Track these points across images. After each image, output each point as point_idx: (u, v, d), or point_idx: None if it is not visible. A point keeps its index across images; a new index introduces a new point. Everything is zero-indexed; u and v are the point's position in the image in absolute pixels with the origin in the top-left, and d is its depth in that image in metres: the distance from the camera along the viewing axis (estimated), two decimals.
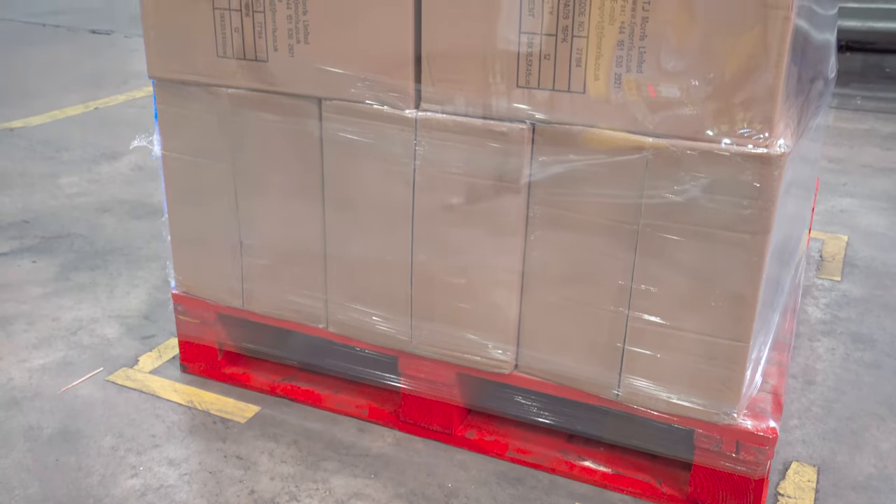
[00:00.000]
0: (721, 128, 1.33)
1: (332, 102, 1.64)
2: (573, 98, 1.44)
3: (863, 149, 4.07)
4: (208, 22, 1.69)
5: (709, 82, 1.32)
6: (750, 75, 1.29)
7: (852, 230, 3.08)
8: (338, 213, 1.74)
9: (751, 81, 1.29)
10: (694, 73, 1.32)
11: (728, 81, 1.31)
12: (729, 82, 1.31)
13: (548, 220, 1.54)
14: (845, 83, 5.24)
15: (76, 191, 3.36)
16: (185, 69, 1.76)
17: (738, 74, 1.30)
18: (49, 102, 4.67)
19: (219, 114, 1.76)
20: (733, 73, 1.30)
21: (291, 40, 1.63)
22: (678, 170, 1.38)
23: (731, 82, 1.30)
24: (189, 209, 1.92)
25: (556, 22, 1.40)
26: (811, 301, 2.52)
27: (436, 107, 1.55)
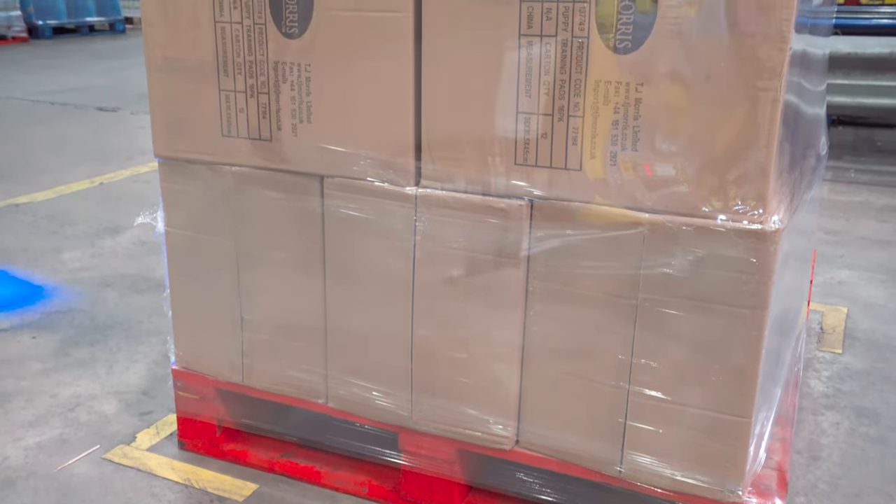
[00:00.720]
0: (716, 204, 1.36)
1: (334, 180, 1.67)
2: (570, 175, 1.47)
3: (858, 221, 4.11)
4: (214, 103, 1.74)
5: (702, 160, 1.35)
6: (742, 153, 1.32)
7: (852, 302, 3.09)
8: (338, 288, 1.75)
9: (743, 159, 1.32)
10: (687, 151, 1.36)
11: (721, 159, 1.34)
12: (721, 160, 1.34)
13: (547, 294, 1.56)
14: (838, 156, 5.32)
15: (79, 265, 3.38)
16: (190, 148, 1.80)
17: (730, 153, 1.33)
18: (55, 178, 4.74)
19: (222, 191, 1.80)
20: (725, 152, 1.33)
21: (295, 120, 1.67)
22: (675, 245, 1.40)
23: (724, 160, 1.34)
24: (191, 284, 1.93)
25: (553, 102, 1.44)
26: (813, 374, 2.51)
27: (436, 184, 1.59)
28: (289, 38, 1.62)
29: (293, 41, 1.62)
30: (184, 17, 1.71)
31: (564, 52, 1.41)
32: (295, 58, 1.63)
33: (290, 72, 1.64)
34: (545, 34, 1.41)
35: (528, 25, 1.42)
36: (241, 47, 1.67)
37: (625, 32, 1.35)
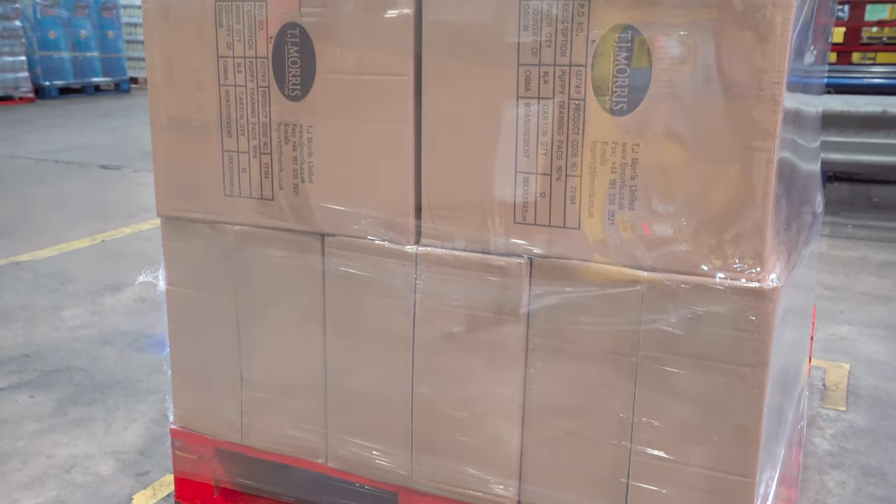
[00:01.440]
0: (715, 262, 1.37)
1: (335, 238, 1.69)
2: (569, 234, 1.48)
3: (858, 276, 4.12)
4: (217, 163, 1.76)
5: (699, 220, 1.37)
6: (738, 213, 1.33)
7: (854, 358, 3.07)
8: (338, 346, 1.75)
9: (740, 219, 1.33)
10: (684, 210, 1.37)
11: (718, 219, 1.35)
12: (718, 220, 1.35)
13: (547, 351, 1.55)
14: (835, 212, 5.37)
15: (78, 323, 3.38)
16: (193, 207, 1.82)
17: (727, 212, 1.34)
18: (56, 236, 4.76)
19: (224, 249, 1.81)
20: (722, 211, 1.35)
21: (296, 180, 1.69)
22: (674, 303, 1.40)
23: (721, 220, 1.35)
24: (191, 342, 1.93)
25: (551, 162, 1.47)
26: (817, 432, 2.49)
27: (436, 242, 1.60)
28: (291, 101, 1.66)
29: (296, 103, 1.66)
30: (189, 80, 1.75)
31: (562, 113, 1.44)
32: (297, 119, 1.66)
33: (293, 133, 1.67)
34: (543, 96, 1.44)
35: (525, 88, 1.45)
36: (245, 109, 1.71)
37: (620, 95, 1.38)
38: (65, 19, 12.90)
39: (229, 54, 1.69)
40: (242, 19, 1.66)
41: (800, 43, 1.38)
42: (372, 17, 1.55)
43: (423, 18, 1.51)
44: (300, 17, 1.60)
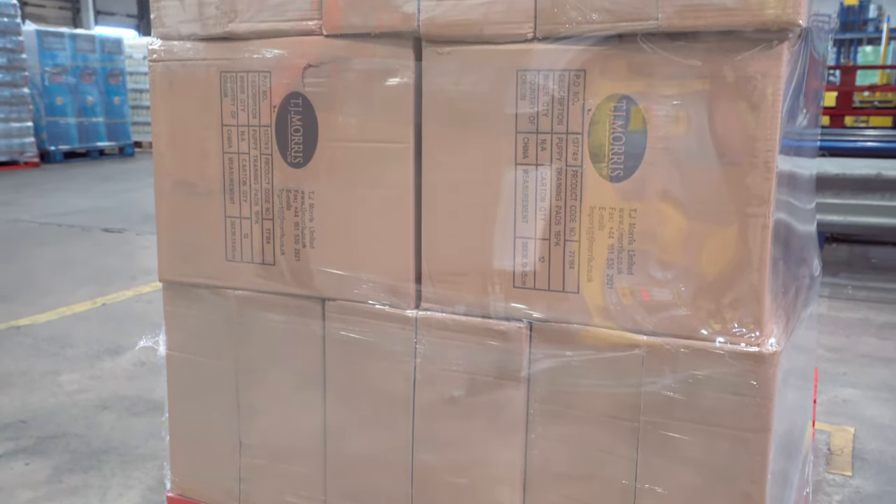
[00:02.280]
0: (714, 327, 1.38)
1: (336, 303, 1.70)
2: (568, 298, 1.49)
3: (859, 338, 4.11)
4: (219, 229, 1.78)
5: (697, 284, 1.38)
6: (736, 277, 1.35)
7: (858, 421, 3.04)
8: (338, 410, 1.74)
9: (737, 283, 1.35)
10: (682, 275, 1.39)
11: (715, 283, 1.37)
12: (716, 284, 1.37)
13: (548, 415, 1.55)
14: (835, 273, 5.38)
15: (76, 388, 3.35)
16: (195, 272, 1.83)
17: (724, 277, 1.36)
18: (57, 299, 4.77)
19: (225, 314, 1.82)
20: (720, 276, 1.36)
21: (298, 245, 1.71)
22: (675, 367, 1.40)
23: (719, 284, 1.36)
24: (190, 408, 1.92)
25: (549, 228, 1.49)
26: (824, 498, 2.45)
27: (436, 306, 1.61)
28: (294, 168, 1.69)
29: (298, 170, 1.69)
30: (194, 147, 1.79)
31: (560, 179, 1.46)
32: (299, 185, 1.69)
33: (295, 199, 1.70)
34: (540, 163, 1.47)
35: (524, 155, 1.48)
36: (248, 176, 1.73)
37: (617, 162, 1.41)
38: (72, 86, 13.16)
39: (233, 123, 1.73)
40: (247, 89, 1.70)
41: (791, 108, 1.41)
42: (373, 86, 1.59)
43: (423, 88, 1.55)
44: (303, 88, 1.65)
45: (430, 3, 1.49)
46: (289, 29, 1.64)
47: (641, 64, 1.35)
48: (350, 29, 1.58)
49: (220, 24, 1.68)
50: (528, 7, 1.43)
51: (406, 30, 1.53)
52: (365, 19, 1.56)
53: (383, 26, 1.55)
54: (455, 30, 1.49)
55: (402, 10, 1.52)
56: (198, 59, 1.73)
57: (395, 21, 1.53)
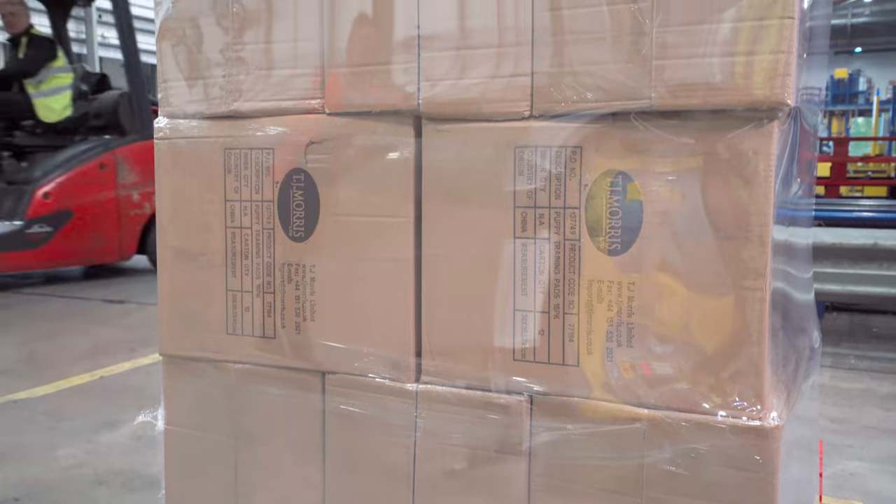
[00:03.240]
0: (714, 400, 1.37)
1: (336, 376, 1.69)
2: (568, 371, 1.49)
3: (863, 409, 4.07)
4: (221, 302, 1.79)
5: (697, 358, 1.38)
6: (735, 351, 1.35)
7: (865, 496, 2.99)
8: (338, 485, 1.72)
9: (736, 357, 1.35)
10: (682, 349, 1.39)
11: (715, 357, 1.37)
12: (716, 358, 1.37)
13: (549, 489, 1.53)
14: (836, 342, 5.36)
15: (73, 462, 3.31)
16: (195, 346, 1.83)
17: (723, 350, 1.36)
18: (55, 373, 4.74)
19: (224, 388, 1.81)
20: (719, 350, 1.36)
21: (298, 318, 1.72)
22: (676, 441, 1.40)
23: (718, 358, 1.37)
24: (188, 484, 1.89)
25: (548, 301, 1.50)
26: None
27: (436, 380, 1.61)
28: (295, 242, 1.71)
29: (300, 244, 1.71)
30: (197, 222, 1.81)
31: (558, 253, 1.48)
32: (301, 259, 1.71)
33: (296, 272, 1.72)
34: (539, 237, 1.49)
35: (522, 229, 1.51)
36: (250, 250, 1.76)
37: (614, 236, 1.43)
38: None
39: (237, 198, 1.76)
40: (251, 165, 1.74)
41: (785, 179, 1.44)
42: (374, 162, 1.62)
43: (423, 164, 1.58)
44: (306, 164, 1.68)
45: (429, 83, 1.54)
46: (292, 107, 1.68)
47: (636, 141, 1.39)
48: (351, 107, 1.62)
49: (226, 104, 1.73)
50: (525, 85, 1.47)
51: (406, 108, 1.57)
52: (366, 98, 1.60)
53: (384, 105, 1.59)
54: (454, 108, 1.53)
55: (403, 90, 1.57)
56: (202, 136, 1.77)
57: (395, 100, 1.58)
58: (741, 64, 1.29)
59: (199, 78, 1.75)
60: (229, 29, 1.71)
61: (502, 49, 1.48)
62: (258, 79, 1.70)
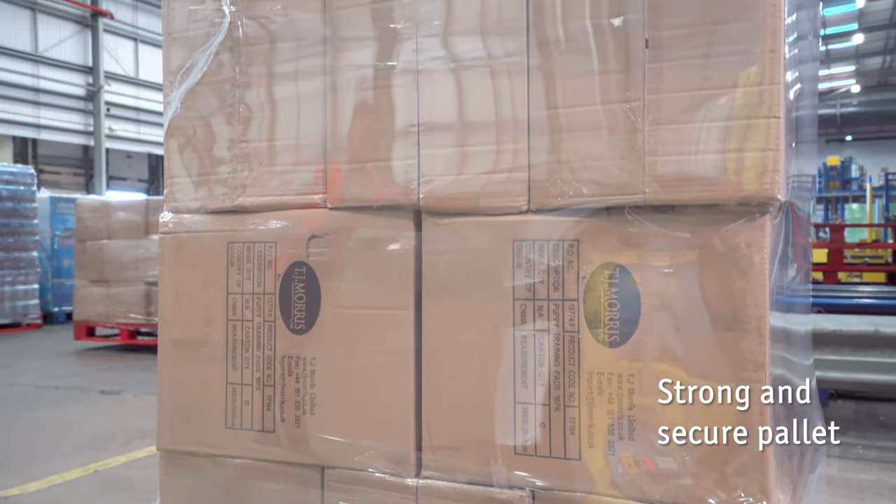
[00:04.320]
0: (720, 496, 1.35)
1: (335, 471, 1.67)
2: (570, 465, 1.47)
3: (874, 501, 3.98)
4: (220, 396, 1.79)
5: (700, 452, 1.37)
6: (738, 444, 1.34)
7: None
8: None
9: (740, 451, 1.34)
10: (684, 443, 1.38)
11: (719, 452, 1.36)
12: (720, 453, 1.36)
13: None
14: (843, 431, 5.27)
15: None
16: (193, 441, 1.81)
17: (727, 444, 1.35)
18: (49, 466, 4.65)
19: (223, 484, 1.78)
20: (722, 443, 1.35)
21: (298, 412, 1.71)
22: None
23: (722, 453, 1.35)
24: None
25: (549, 393, 1.49)
26: None
27: (436, 475, 1.58)
28: (296, 335, 1.72)
29: (300, 337, 1.71)
30: (198, 314, 1.82)
31: (557, 345, 1.49)
32: (301, 352, 1.71)
33: (296, 365, 1.71)
34: (538, 329, 1.50)
35: (521, 321, 1.52)
36: (251, 343, 1.76)
37: (613, 328, 1.44)
38: None
39: (238, 291, 1.77)
40: (253, 258, 1.76)
41: (781, 268, 1.46)
42: (374, 254, 1.64)
43: (423, 256, 1.61)
44: (307, 257, 1.70)
45: (429, 178, 1.58)
46: (294, 201, 1.72)
47: (632, 235, 1.41)
48: (353, 202, 1.66)
49: (230, 199, 1.76)
50: (522, 180, 1.51)
51: (407, 202, 1.61)
52: (367, 193, 1.64)
53: (385, 199, 1.63)
54: (453, 202, 1.57)
55: (403, 185, 1.60)
56: (206, 230, 1.80)
57: (396, 194, 1.61)
58: (731, 161, 1.32)
59: (204, 174, 1.80)
60: (234, 127, 1.76)
61: (500, 145, 1.53)
62: (261, 174, 1.74)
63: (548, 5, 1.47)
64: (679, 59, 1.36)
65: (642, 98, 1.40)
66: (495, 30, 1.52)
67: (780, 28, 1.30)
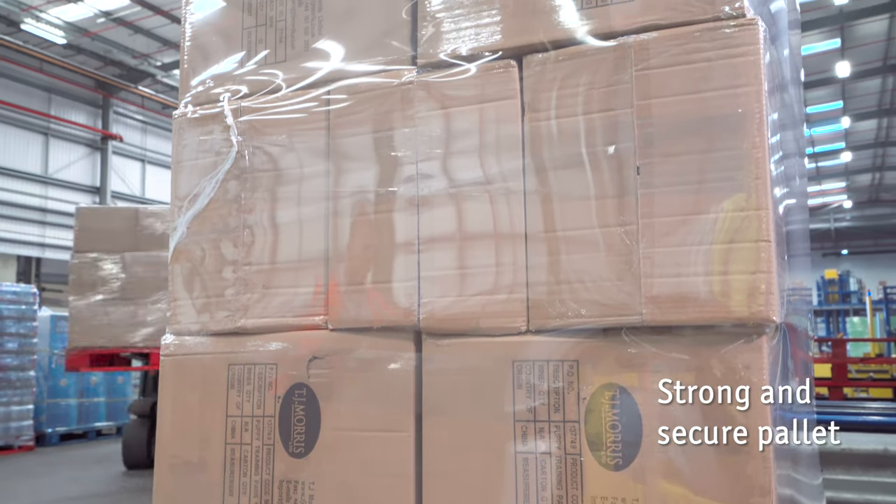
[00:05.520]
0: None
1: None
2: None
3: None
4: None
5: None
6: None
7: None
8: None
9: None
10: None
11: None
12: None
13: None
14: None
15: None
16: None
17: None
18: None
19: None
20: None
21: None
22: None
23: None
24: None
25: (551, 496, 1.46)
26: None
27: None
28: (295, 458, 1.69)
29: (299, 460, 1.69)
30: (196, 437, 1.80)
31: (560, 468, 1.46)
32: (299, 476, 1.68)
33: (294, 490, 1.68)
34: (540, 451, 1.49)
35: (522, 443, 1.50)
36: (249, 467, 1.73)
37: (615, 450, 1.42)
38: None
39: (238, 413, 1.76)
40: (253, 380, 1.76)
41: (782, 385, 1.45)
42: (375, 376, 1.65)
43: (423, 378, 1.61)
44: (308, 378, 1.70)
45: (429, 299, 1.60)
46: (295, 323, 1.74)
47: (631, 357, 1.42)
48: (354, 323, 1.67)
49: (232, 321, 1.78)
50: (521, 300, 1.53)
51: (407, 323, 1.63)
52: (367, 314, 1.66)
53: (385, 320, 1.64)
54: (453, 323, 1.58)
55: (404, 306, 1.62)
56: (206, 352, 1.81)
57: (396, 316, 1.63)
58: (723, 283, 1.35)
59: (207, 297, 1.82)
60: (238, 250, 1.80)
61: (499, 268, 1.56)
62: (263, 296, 1.76)
63: (544, 135, 1.54)
64: (669, 185, 1.41)
65: (636, 222, 1.44)
66: (493, 157, 1.58)
67: (764, 157, 1.35)
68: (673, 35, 1.43)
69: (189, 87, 1.91)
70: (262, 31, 1.85)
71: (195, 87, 1.90)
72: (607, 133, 1.48)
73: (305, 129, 1.76)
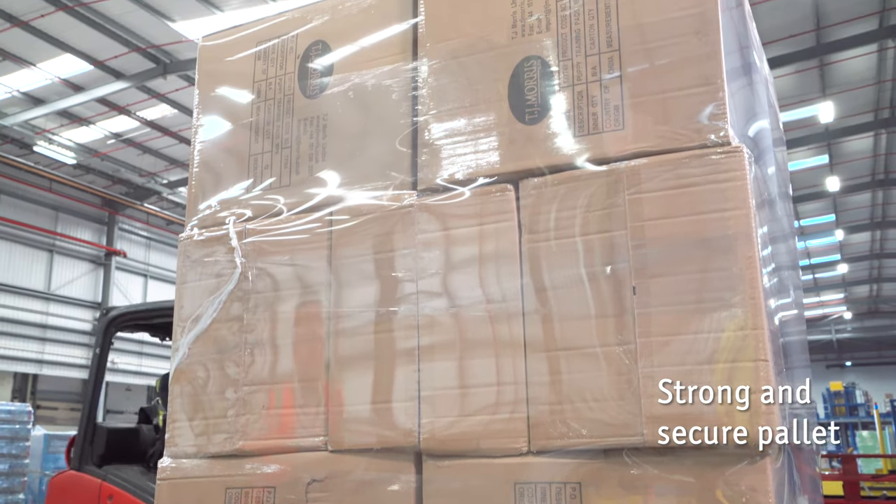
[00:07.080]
0: None
1: None
2: None
3: None
4: None
5: None
6: None
7: None
8: None
9: None
10: None
11: None
12: None
13: None
14: None
15: None
16: None
17: None
18: None
19: None
20: None
21: None
22: None
23: None
24: None
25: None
26: None
27: None
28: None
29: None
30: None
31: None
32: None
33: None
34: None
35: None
36: None
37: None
38: None
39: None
40: None
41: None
42: (374, 497, 1.62)
43: (424, 499, 1.58)
44: (306, 502, 1.67)
45: (429, 419, 1.59)
46: (294, 445, 1.72)
47: (634, 479, 1.40)
48: (354, 445, 1.66)
49: (230, 443, 1.76)
50: (522, 419, 1.52)
51: (407, 444, 1.61)
52: (367, 436, 1.64)
53: (385, 442, 1.63)
54: (454, 444, 1.57)
55: (404, 426, 1.61)
56: (203, 475, 1.78)
57: (397, 437, 1.62)
58: (724, 403, 1.35)
59: (205, 419, 1.81)
60: (239, 370, 1.80)
61: (500, 387, 1.56)
62: (261, 417, 1.75)
63: (543, 255, 1.57)
64: (665, 304, 1.43)
65: (634, 341, 1.45)
66: (493, 278, 1.61)
67: (756, 276, 1.38)
68: (662, 161, 1.49)
69: (196, 210, 1.97)
70: (269, 157, 1.91)
71: (202, 211, 1.95)
72: (604, 253, 1.51)
73: (308, 250, 1.79)
